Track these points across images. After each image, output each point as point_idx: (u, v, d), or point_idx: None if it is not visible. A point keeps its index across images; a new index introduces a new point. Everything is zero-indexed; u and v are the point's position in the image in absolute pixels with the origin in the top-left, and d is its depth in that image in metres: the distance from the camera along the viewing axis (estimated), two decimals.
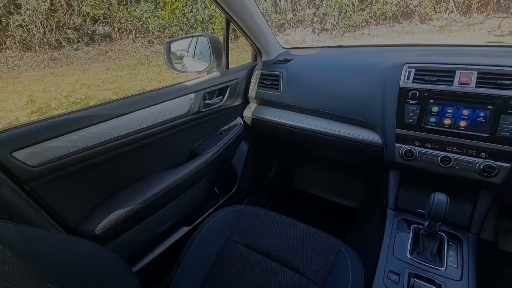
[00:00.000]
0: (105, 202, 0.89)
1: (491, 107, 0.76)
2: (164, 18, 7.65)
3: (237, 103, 1.34)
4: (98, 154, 0.81)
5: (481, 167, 0.77)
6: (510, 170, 0.75)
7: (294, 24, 8.14)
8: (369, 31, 7.50)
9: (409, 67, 0.88)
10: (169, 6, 7.51)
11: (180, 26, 7.72)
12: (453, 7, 6.98)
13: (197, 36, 1.37)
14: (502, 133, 0.74)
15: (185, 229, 1.19)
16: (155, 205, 0.99)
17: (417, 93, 0.84)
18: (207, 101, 1.18)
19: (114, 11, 7.78)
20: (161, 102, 0.98)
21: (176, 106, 1.04)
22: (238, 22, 1.14)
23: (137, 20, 7.79)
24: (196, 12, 7.55)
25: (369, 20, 7.47)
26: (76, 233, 0.80)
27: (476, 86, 0.77)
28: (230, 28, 1.26)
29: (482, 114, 0.77)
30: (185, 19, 7.63)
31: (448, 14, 7.08)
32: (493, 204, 0.88)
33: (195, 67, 1.37)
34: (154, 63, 7.10)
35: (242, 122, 1.37)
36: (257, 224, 0.93)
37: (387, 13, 7.15)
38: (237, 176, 1.43)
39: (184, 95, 1.06)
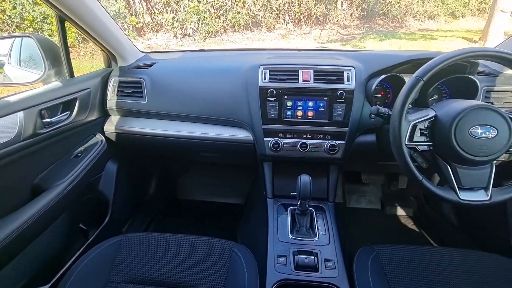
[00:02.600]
0: None
1: (326, 98, 0.95)
2: None
3: (93, 117, 1.12)
4: None
5: (328, 147, 0.96)
6: (345, 146, 0.97)
7: (154, 28, 7.75)
8: (228, 37, 8.09)
9: (264, 68, 0.99)
10: None
11: None
12: (288, 19, 8.50)
13: (20, 36, 1.06)
14: (336, 118, 0.95)
15: None
16: None
17: (274, 91, 0.96)
18: (47, 119, 0.92)
19: None
20: None
21: None
22: (77, 21, 0.95)
23: None
24: (22, 9, 5.89)
25: (227, 28, 8.06)
26: None
27: (314, 82, 0.95)
28: (67, 27, 1.03)
29: (322, 104, 0.95)
30: (6, 17, 5.83)
31: (286, 24, 8.57)
32: (339, 174, 1.11)
33: (23, 77, 1.06)
34: None
35: (103, 139, 1.17)
36: (141, 252, 0.81)
37: (240, 22, 7.91)
38: (108, 203, 1.21)
39: (6, 115, 0.79)
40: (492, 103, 0.96)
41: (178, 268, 0.77)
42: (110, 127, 1.18)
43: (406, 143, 0.70)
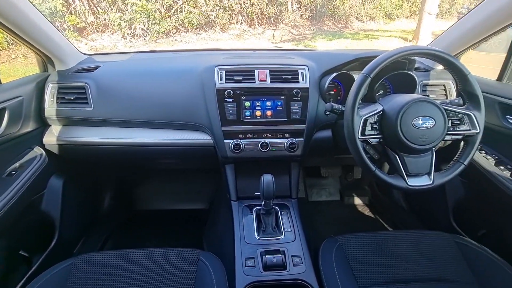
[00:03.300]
0: None
1: (283, 97, 0.97)
2: None
3: (28, 128, 0.99)
4: None
5: (288, 145, 0.98)
6: (304, 143, 1.00)
7: (99, 29, 7.18)
8: (181, 37, 7.85)
9: (219, 69, 0.97)
10: None
11: None
12: (242, 19, 8.55)
13: None
14: (293, 116, 0.97)
15: None
16: None
17: (231, 92, 0.94)
18: None
19: None
20: None
21: None
22: (1, 20, 0.83)
23: None
24: None
25: (179, 28, 7.81)
26: None
27: (270, 82, 0.96)
28: None
29: (279, 103, 0.97)
30: None
31: (240, 25, 8.60)
32: (300, 170, 1.14)
33: None
34: None
35: (43, 152, 1.04)
36: (96, 275, 0.73)
37: (193, 22, 7.72)
38: (54, 223, 1.09)
39: None
40: (428, 96, 1.07)
41: (140, 286, 0.72)
42: (51, 139, 1.06)
43: (359, 137, 0.74)
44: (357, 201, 1.74)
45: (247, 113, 0.96)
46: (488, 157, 1.02)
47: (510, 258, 0.82)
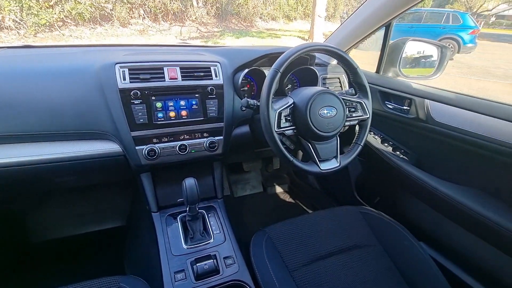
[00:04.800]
0: None
1: (198, 95, 0.92)
2: None
3: None
4: None
5: (207, 144, 0.94)
6: (224, 141, 0.98)
7: None
8: (71, 32, 6.72)
9: (121, 67, 0.85)
10: None
11: None
12: (144, 14, 7.90)
13: None
14: (210, 114, 0.94)
15: None
16: None
17: (138, 92, 0.84)
18: None
19: None
20: None
21: None
22: None
23: None
24: None
25: (66, 21, 6.65)
26: None
27: (182, 80, 0.90)
28: None
29: (194, 102, 0.92)
30: None
31: (143, 20, 7.93)
32: (223, 169, 1.13)
33: None
34: None
35: None
36: None
37: (83, 14, 6.70)
38: None
39: None
40: (328, 88, 1.21)
41: None
42: None
43: (276, 129, 0.78)
44: (279, 189, 1.85)
45: (160, 115, 0.88)
46: (376, 137, 1.23)
47: (399, 217, 1.01)
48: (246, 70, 0.99)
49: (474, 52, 8.37)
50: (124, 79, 0.84)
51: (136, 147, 0.86)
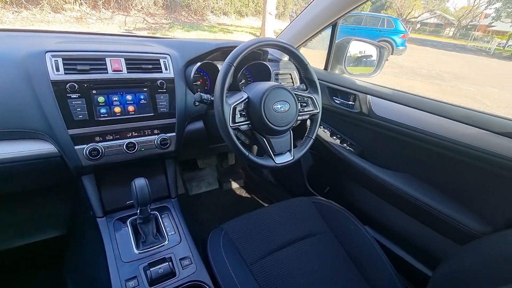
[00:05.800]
0: None
1: (146, 89, 0.85)
2: None
3: None
4: None
5: (159, 141, 0.89)
6: (176, 138, 0.93)
7: None
8: None
9: (53, 56, 0.74)
10: None
11: None
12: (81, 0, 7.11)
13: None
14: (161, 109, 0.88)
15: None
16: None
17: (76, 85, 0.75)
18: None
19: None
20: None
21: None
22: None
23: None
24: None
25: None
26: None
27: (127, 72, 0.82)
28: None
29: (142, 97, 0.85)
30: None
31: (79, 6, 7.13)
32: (176, 166, 1.08)
33: None
34: None
35: None
36: None
37: None
38: None
39: None
40: (280, 83, 1.24)
41: None
42: None
43: (231, 125, 0.77)
44: (234, 185, 1.84)
45: (103, 111, 0.79)
46: (325, 130, 1.31)
47: (347, 204, 1.09)
48: (199, 64, 0.95)
49: (404, 54, 9.46)
50: (58, 70, 0.74)
51: (75, 147, 0.77)
